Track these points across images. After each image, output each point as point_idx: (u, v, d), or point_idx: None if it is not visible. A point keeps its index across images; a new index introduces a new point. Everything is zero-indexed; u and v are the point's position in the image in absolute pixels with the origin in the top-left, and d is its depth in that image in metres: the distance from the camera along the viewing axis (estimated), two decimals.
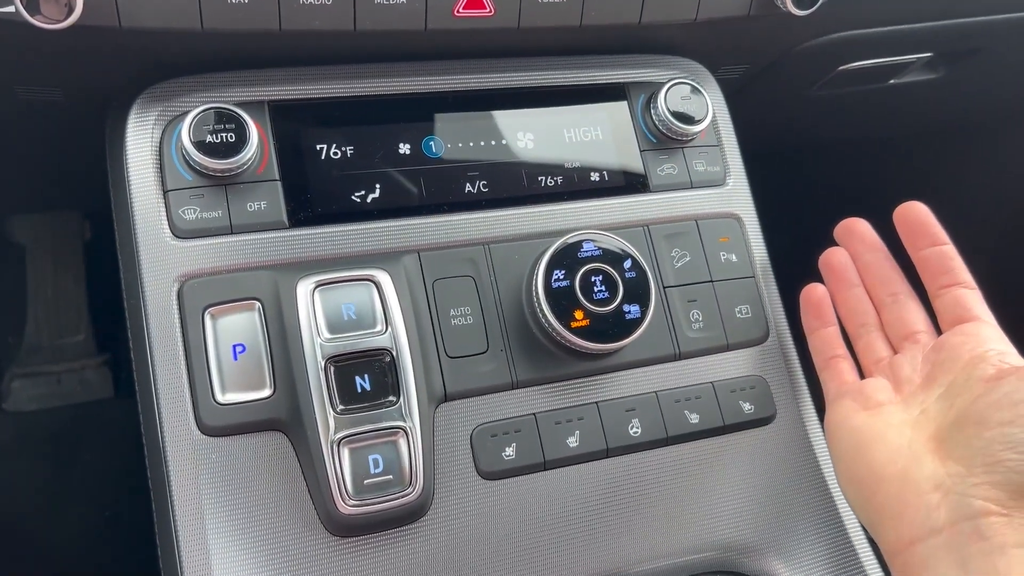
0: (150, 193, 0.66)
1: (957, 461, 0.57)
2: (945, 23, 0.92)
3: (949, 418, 0.60)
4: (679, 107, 0.77)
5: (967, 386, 0.61)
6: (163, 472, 0.63)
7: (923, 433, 0.61)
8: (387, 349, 0.65)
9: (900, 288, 0.74)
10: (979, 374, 0.61)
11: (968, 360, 0.63)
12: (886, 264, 0.75)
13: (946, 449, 0.58)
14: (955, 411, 0.60)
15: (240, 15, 0.63)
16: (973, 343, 0.65)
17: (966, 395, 0.60)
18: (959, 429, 0.58)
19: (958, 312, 0.69)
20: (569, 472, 0.70)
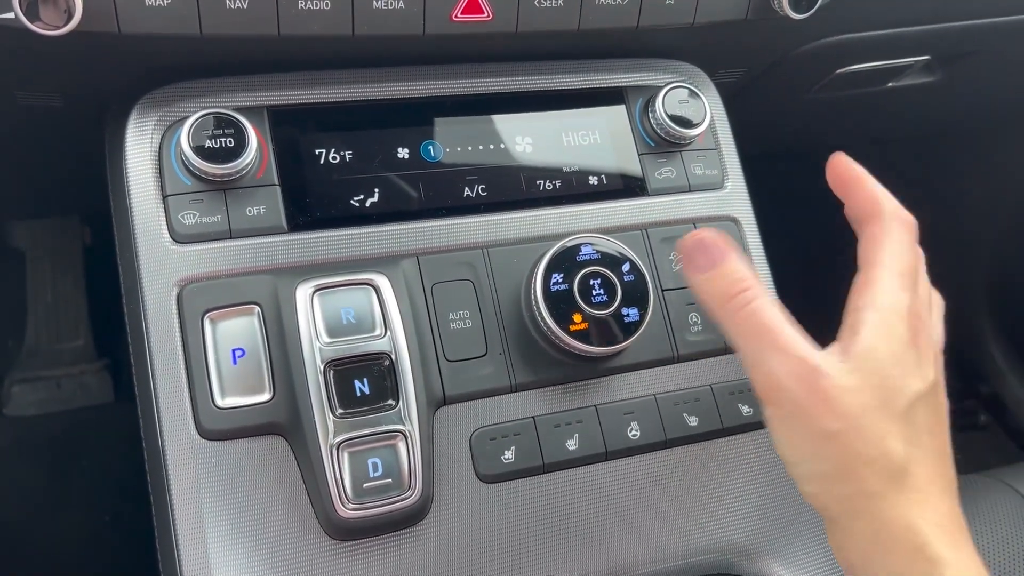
0: (150, 198, 0.67)
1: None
2: (942, 26, 0.93)
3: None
4: (677, 111, 0.78)
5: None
6: (163, 476, 0.63)
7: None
8: (386, 353, 0.65)
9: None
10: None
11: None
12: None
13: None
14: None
15: (239, 20, 0.63)
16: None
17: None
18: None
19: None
20: (568, 475, 0.70)
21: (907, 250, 0.62)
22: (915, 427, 0.57)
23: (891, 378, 0.57)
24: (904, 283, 0.60)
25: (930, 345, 0.61)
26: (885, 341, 0.58)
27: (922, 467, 0.57)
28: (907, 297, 0.60)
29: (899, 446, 0.56)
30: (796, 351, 0.57)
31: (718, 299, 0.60)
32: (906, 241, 0.63)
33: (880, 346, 0.58)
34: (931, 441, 0.58)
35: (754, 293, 0.59)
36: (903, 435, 0.56)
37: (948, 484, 0.58)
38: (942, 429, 0.60)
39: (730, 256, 0.60)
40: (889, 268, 0.61)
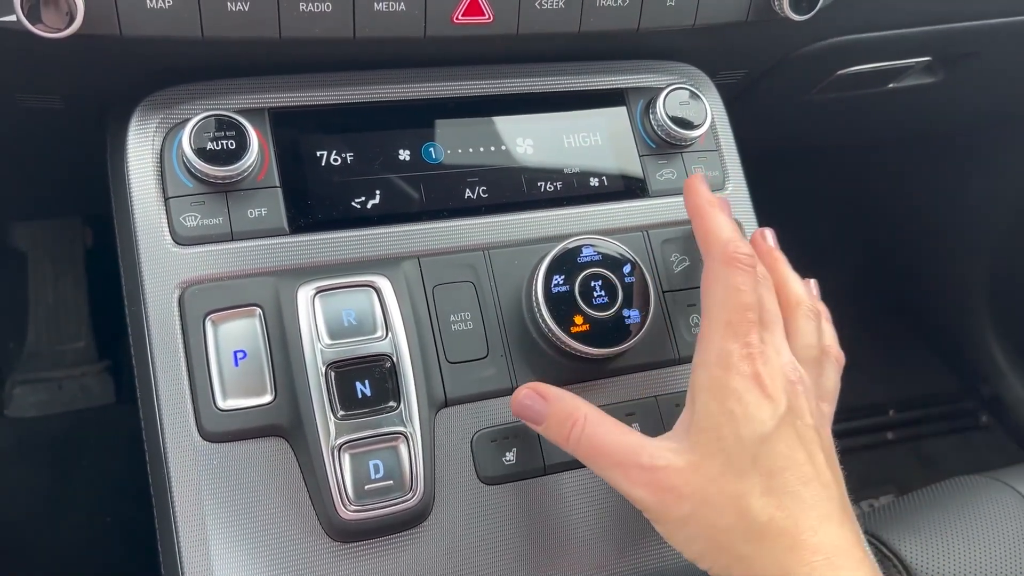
0: (151, 200, 0.67)
1: None
2: (943, 27, 0.93)
3: None
4: (678, 112, 0.78)
5: None
6: (164, 478, 0.63)
7: None
8: (387, 355, 0.65)
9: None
10: None
11: None
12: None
13: None
14: None
15: (240, 23, 0.63)
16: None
17: None
18: None
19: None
20: (569, 476, 0.70)
21: (732, 295, 0.61)
22: (772, 471, 0.57)
23: (729, 436, 0.58)
24: (729, 332, 0.60)
25: (776, 376, 0.60)
26: (717, 399, 0.59)
27: (787, 510, 0.56)
28: (735, 346, 0.60)
29: (756, 502, 0.56)
30: (630, 459, 0.60)
31: (559, 441, 0.64)
32: (731, 283, 0.62)
33: (713, 406, 0.59)
34: (796, 473, 0.57)
35: (582, 421, 0.62)
36: (760, 487, 0.56)
37: (825, 512, 0.57)
38: (808, 453, 0.59)
39: (551, 399, 0.64)
40: (714, 320, 0.61)
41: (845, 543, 0.56)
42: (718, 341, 0.60)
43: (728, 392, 0.58)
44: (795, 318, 0.68)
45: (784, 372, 0.61)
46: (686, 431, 0.60)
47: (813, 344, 0.67)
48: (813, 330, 0.68)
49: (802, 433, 0.59)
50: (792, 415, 0.59)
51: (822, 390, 0.67)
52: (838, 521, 0.57)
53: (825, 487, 0.58)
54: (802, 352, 0.66)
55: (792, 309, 0.68)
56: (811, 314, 0.68)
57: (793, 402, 0.60)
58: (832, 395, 0.68)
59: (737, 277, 0.62)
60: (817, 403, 0.63)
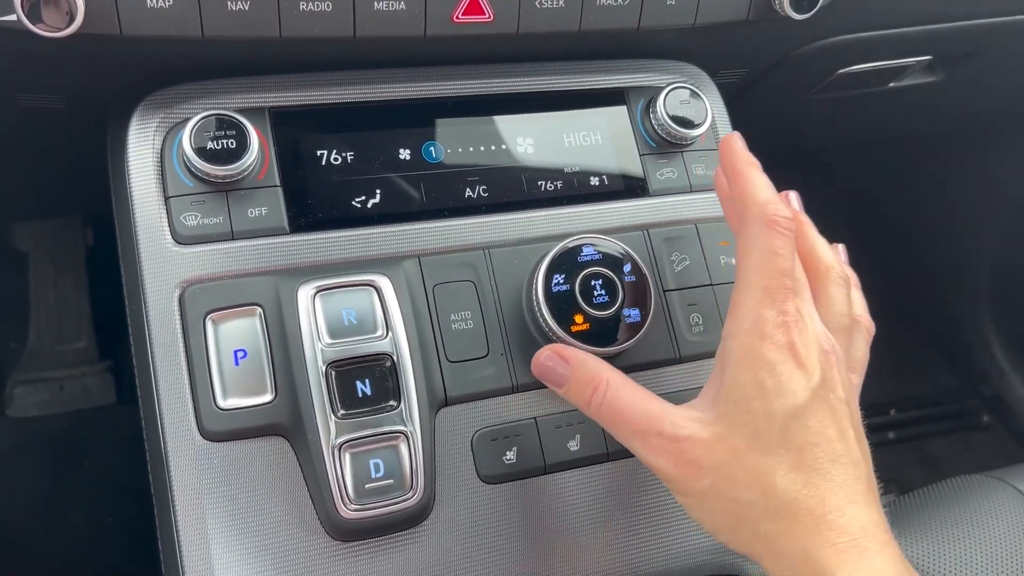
0: (152, 199, 0.67)
1: None
2: (944, 26, 0.93)
3: None
4: (678, 111, 0.78)
5: None
6: (165, 477, 0.63)
7: None
8: (388, 354, 0.65)
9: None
10: None
11: None
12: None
13: None
14: None
15: (240, 22, 0.63)
16: None
17: None
18: None
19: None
20: (570, 476, 0.70)
21: (770, 259, 0.59)
22: (800, 446, 0.55)
23: (758, 410, 0.56)
24: (766, 299, 0.58)
25: (811, 346, 0.58)
26: (750, 370, 0.57)
27: (813, 488, 0.55)
28: (771, 313, 0.57)
29: (781, 478, 0.55)
30: (652, 427, 0.58)
31: (581, 405, 0.63)
32: (770, 247, 0.59)
33: (744, 377, 0.57)
34: (826, 450, 0.56)
35: (604, 386, 0.61)
36: (787, 463, 0.55)
37: (852, 492, 0.55)
38: (839, 429, 0.57)
39: (574, 361, 0.63)
40: (751, 286, 0.59)
41: (871, 524, 0.54)
42: (753, 307, 0.58)
43: (762, 362, 0.56)
44: (825, 285, 0.65)
45: (818, 342, 0.58)
46: (713, 401, 0.58)
47: (844, 312, 0.65)
48: (844, 298, 0.65)
49: (834, 407, 0.57)
50: (825, 388, 0.57)
51: (852, 360, 0.64)
52: (864, 502, 0.55)
53: (855, 465, 0.56)
54: (833, 321, 0.63)
55: (822, 276, 0.65)
56: (841, 281, 0.66)
57: (827, 373, 0.58)
58: (862, 366, 0.66)
59: (776, 240, 0.59)
60: (848, 374, 0.61)
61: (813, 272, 0.66)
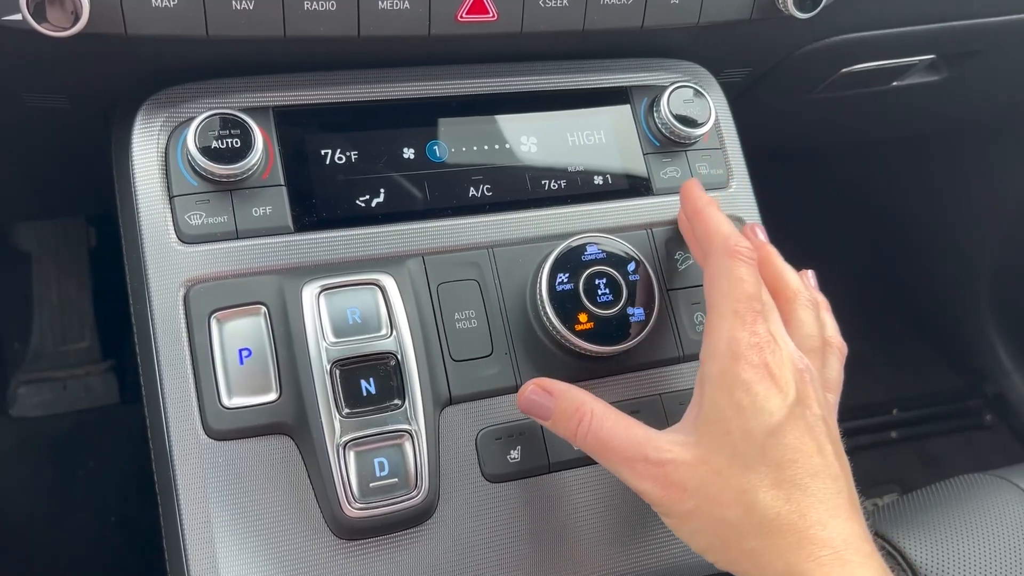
0: (156, 199, 0.67)
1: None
2: (947, 25, 0.93)
3: None
4: (682, 110, 0.78)
5: None
6: (170, 476, 0.63)
7: None
8: (392, 353, 0.65)
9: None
10: None
11: None
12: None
13: None
14: None
15: (245, 22, 0.63)
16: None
17: None
18: None
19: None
20: (574, 474, 0.70)
21: (736, 285, 0.61)
22: (781, 463, 0.56)
23: (736, 430, 0.57)
24: (737, 322, 0.60)
25: (784, 365, 0.59)
26: (726, 391, 0.58)
27: (795, 503, 0.55)
28: (744, 335, 0.59)
29: (763, 495, 0.56)
30: (637, 453, 0.60)
31: (567, 436, 0.64)
32: (735, 275, 0.62)
33: (722, 399, 0.58)
34: (805, 466, 0.57)
35: (588, 416, 0.62)
36: (768, 480, 0.56)
37: (833, 506, 0.56)
38: (817, 445, 0.58)
39: (557, 394, 0.64)
40: (721, 311, 0.61)
41: (854, 537, 0.55)
42: (726, 331, 0.60)
43: (737, 383, 0.58)
44: (794, 309, 0.67)
45: (792, 361, 0.60)
46: (693, 424, 0.60)
47: (814, 334, 0.67)
48: (813, 320, 0.68)
49: (811, 424, 0.59)
50: (801, 405, 0.59)
51: (827, 380, 0.66)
52: (846, 515, 0.56)
53: (834, 480, 0.57)
54: (804, 342, 0.65)
55: (790, 300, 0.68)
56: (810, 304, 0.68)
57: (802, 391, 0.59)
58: (837, 385, 0.68)
59: (741, 268, 0.62)
60: (823, 392, 0.63)
61: (782, 297, 0.68)
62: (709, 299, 0.63)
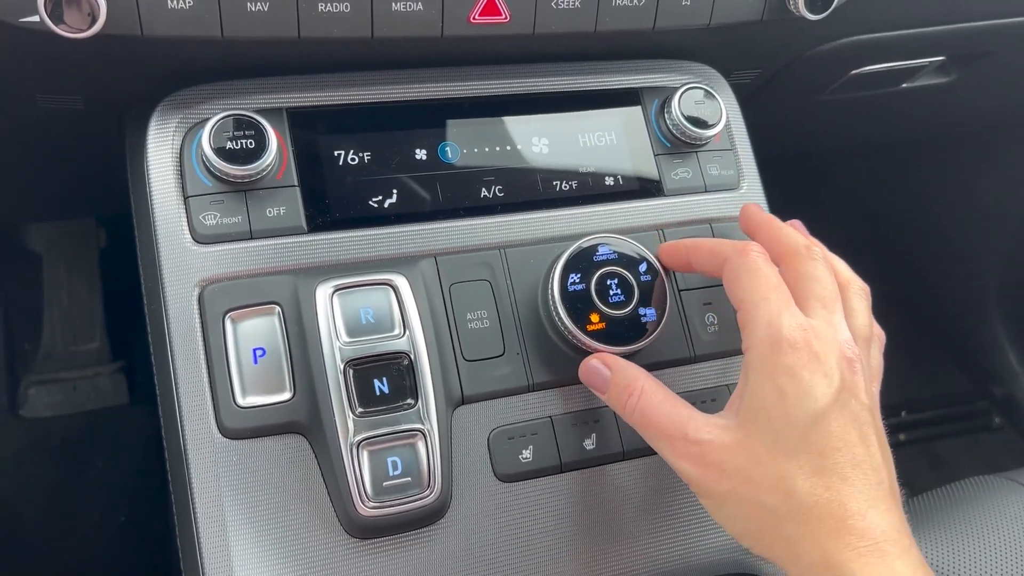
0: (171, 199, 0.67)
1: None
2: (957, 27, 0.93)
3: None
4: (693, 111, 0.78)
5: None
6: (184, 474, 0.63)
7: None
8: (405, 352, 0.66)
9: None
10: None
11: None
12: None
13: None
14: None
15: (259, 23, 0.64)
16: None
17: None
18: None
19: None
20: (586, 474, 0.70)
21: (759, 277, 0.62)
22: (824, 451, 0.56)
23: (779, 417, 0.57)
24: (770, 306, 0.60)
25: (830, 349, 0.59)
26: (769, 377, 0.58)
27: (834, 491, 0.55)
28: (786, 320, 0.59)
29: (802, 483, 0.55)
30: (678, 430, 0.61)
31: (619, 408, 0.66)
32: (755, 268, 0.63)
33: (765, 385, 0.58)
34: (847, 455, 0.56)
35: (639, 392, 0.64)
36: (808, 467, 0.56)
37: (873, 496, 0.56)
38: (861, 435, 0.58)
39: (614, 368, 0.67)
40: (751, 301, 0.62)
41: (892, 529, 0.55)
42: (761, 317, 0.60)
43: (781, 368, 0.58)
44: (847, 298, 0.67)
45: (840, 348, 0.60)
46: (737, 409, 0.60)
47: (866, 323, 0.66)
48: (865, 309, 0.67)
49: (856, 413, 0.58)
50: (847, 393, 0.58)
51: (872, 370, 0.66)
52: (886, 507, 0.56)
53: (875, 471, 0.57)
54: (857, 332, 0.64)
55: (844, 288, 0.67)
56: (862, 293, 0.68)
57: (848, 379, 0.59)
58: (879, 374, 0.67)
59: (755, 262, 0.63)
60: (870, 383, 0.62)
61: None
62: (735, 297, 0.64)
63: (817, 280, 0.63)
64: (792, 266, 0.65)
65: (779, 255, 0.66)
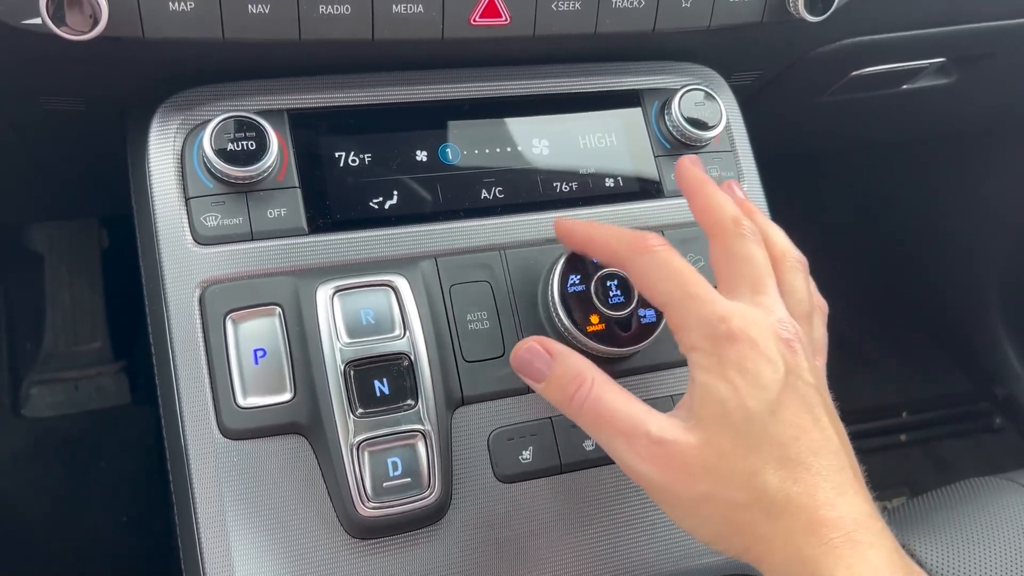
0: (172, 200, 0.67)
1: None
2: (958, 28, 0.93)
3: None
4: (693, 113, 0.78)
5: None
6: (185, 475, 0.64)
7: None
8: (405, 353, 0.66)
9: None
10: None
11: None
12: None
13: None
14: None
15: (260, 25, 0.64)
16: None
17: None
18: None
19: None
20: (586, 475, 0.70)
21: (673, 273, 0.59)
22: (781, 441, 0.54)
23: (735, 410, 0.55)
24: (698, 303, 0.58)
25: (767, 334, 0.57)
26: (718, 375, 0.56)
27: (802, 484, 0.53)
28: (713, 313, 0.57)
29: (771, 477, 0.53)
30: (638, 429, 0.57)
31: (561, 402, 0.61)
32: (663, 263, 0.60)
33: (714, 381, 0.56)
34: (806, 443, 0.55)
35: (588, 385, 0.59)
36: (773, 460, 0.54)
37: (838, 483, 0.54)
38: (813, 418, 0.56)
39: (557, 356, 0.61)
40: (675, 302, 0.59)
41: (863, 516, 0.53)
42: (687, 317, 0.58)
43: (726, 364, 0.56)
44: (782, 273, 0.63)
45: (775, 331, 0.57)
46: (691, 410, 0.57)
47: (804, 299, 0.63)
48: (803, 283, 0.64)
49: (804, 395, 0.56)
50: (793, 376, 0.56)
51: (815, 344, 0.63)
52: (853, 491, 0.54)
53: (835, 455, 0.55)
54: (795, 308, 0.62)
55: (778, 263, 0.64)
56: (799, 265, 0.65)
57: (790, 361, 0.56)
58: (823, 346, 0.65)
59: (663, 259, 0.60)
60: (813, 360, 0.60)
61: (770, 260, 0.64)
62: (654, 295, 0.61)
63: (746, 260, 0.60)
64: (720, 244, 0.62)
65: (707, 228, 0.63)
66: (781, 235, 0.67)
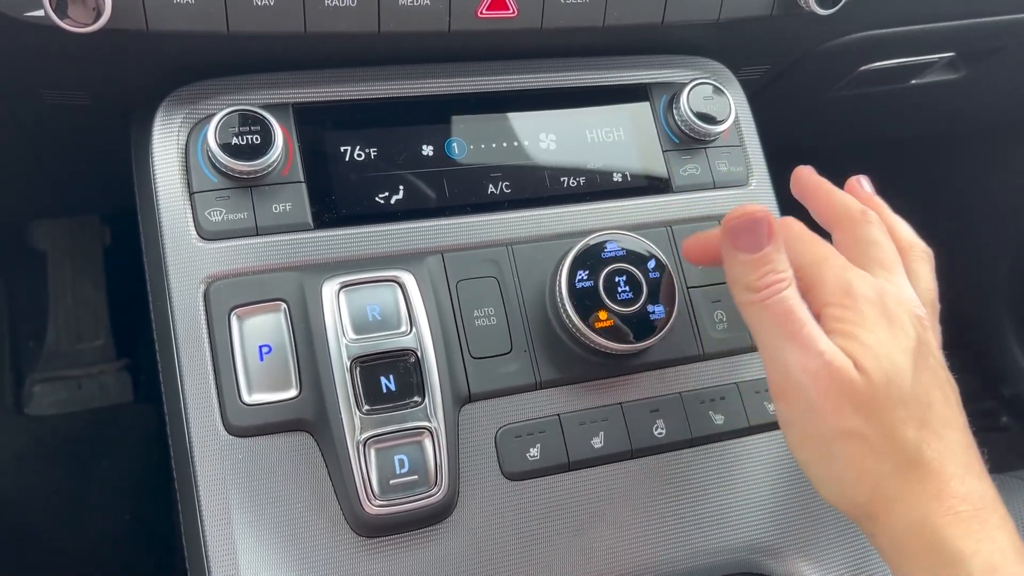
0: (176, 195, 0.67)
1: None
2: (967, 22, 0.92)
3: None
4: (701, 107, 0.77)
5: None
6: (190, 472, 0.63)
7: None
8: (412, 350, 0.65)
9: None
10: None
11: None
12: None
13: None
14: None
15: (265, 17, 0.63)
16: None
17: None
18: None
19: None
20: (593, 473, 0.70)
21: (811, 241, 0.60)
22: (921, 403, 0.54)
23: (886, 356, 0.54)
24: (834, 265, 0.58)
25: (901, 307, 0.57)
26: (864, 327, 0.55)
27: (935, 451, 0.53)
28: (848, 274, 0.57)
29: (911, 434, 0.53)
30: (814, 346, 0.55)
31: (750, 285, 0.58)
32: (798, 234, 0.60)
33: (861, 333, 0.55)
34: (938, 413, 0.55)
35: (786, 284, 0.57)
36: (915, 418, 0.54)
37: (966, 461, 0.54)
38: (943, 394, 0.56)
39: (776, 243, 0.58)
40: (811, 263, 0.59)
41: (990, 498, 0.53)
42: (830, 274, 0.58)
43: (866, 319, 0.55)
44: (909, 261, 0.64)
45: (909, 306, 0.58)
46: (853, 351, 0.56)
47: (931, 288, 0.63)
48: (928, 273, 0.64)
49: (934, 369, 0.56)
50: (925, 348, 0.56)
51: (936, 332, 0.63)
52: (978, 474, 0.54)
53: (964, 433, 0.55)
54: (922, 296, 0.62)
55: (905, 252, 0.64)
56: (925, 256, 0.65)
57: (923, 336, 0.57)
58: (939, 341, 0.64)
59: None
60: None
61: (898, 249, 0.64)
62: (798, 256, 0.60)
63: (874, 243, 0.61)
64: (847, 231, 0.63)
65: (832, 221, 0.64)
66: (906, 227, 0.67)
